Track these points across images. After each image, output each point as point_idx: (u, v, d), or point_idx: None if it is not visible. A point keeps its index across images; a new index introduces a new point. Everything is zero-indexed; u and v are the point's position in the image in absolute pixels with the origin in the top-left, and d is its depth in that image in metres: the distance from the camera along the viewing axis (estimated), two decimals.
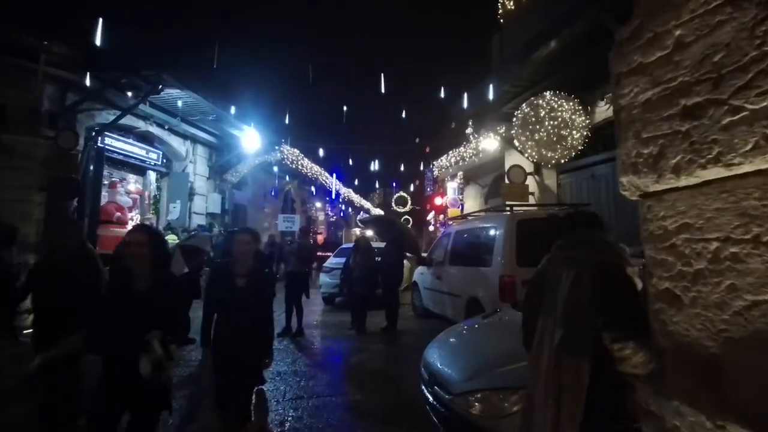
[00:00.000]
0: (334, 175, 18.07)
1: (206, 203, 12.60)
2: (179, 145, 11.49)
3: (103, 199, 9.06)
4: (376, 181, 30.49)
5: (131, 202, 9.86)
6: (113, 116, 8.54)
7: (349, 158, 20.06)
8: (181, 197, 11.34)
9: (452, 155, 15.46)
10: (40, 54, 7.16)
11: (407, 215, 24.66)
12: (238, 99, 12.03)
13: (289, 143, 15.51)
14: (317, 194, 23.92)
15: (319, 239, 25.87)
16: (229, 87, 14.73)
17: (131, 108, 8.45)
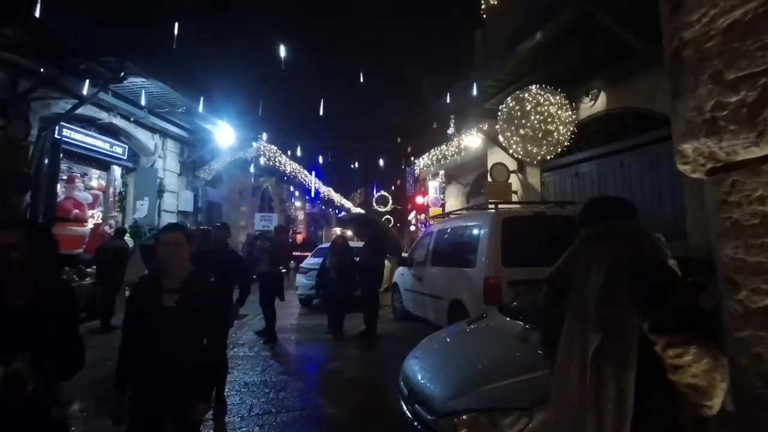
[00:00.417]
0: (314, 173, 17.61)
1: (177, 201, 12.00)
2: (147, 139, 10.87)
3: (61, 195, 8.42)
4: (357, 181, 30.15)
5: (91, 199, 9.22)
6: (71, 106, 7.93)
7: (329, 156, 19.63)
8: (150, 194, 10.73)
9: (434, 154, 15.24)
10: None
11: (388, 215, 24.40)
12: (211, 92, 11.49)
13: (267, 140, 14.99)
14: (297, 193, 23.39)
15: (299, 238, 25.34)
16: (201, 79, 14.06)
17: (90, 97, 7.85)
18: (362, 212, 21.82)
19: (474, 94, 7.49)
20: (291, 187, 22.01)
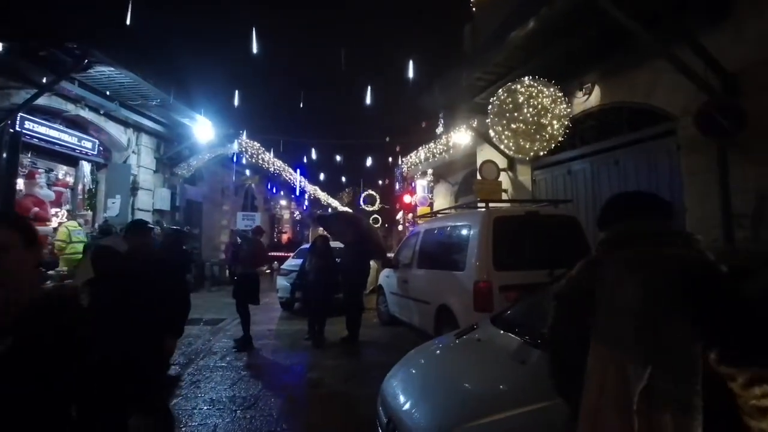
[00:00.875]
0: (299, 171, 17.11)
1: (153, 199, 11.41)
2: (119, 134, 10.27)
3: (20, 192, 7.82)
4: (345, 179, 29.68)
5: (53, 196, 8.61)
6: (30, 96, 7.35)
7: (316, 154, 19.13)
8: (122, 192, 10.14)
9: (422, 152, 14.90)
10: None
11: (376, 214, 23.99)
12: (189, 85, 10.97)
13: (250, 136, 14.46)
14: (281, 191, 22.82)
15: (283, 238, 24.79)
16: (178, 70, 13.48)
17: (50, 85, 7.29)
18: (345, 210, 21.36)
19: (464, 87, 7.15)
20: (276, 186, 21.44)
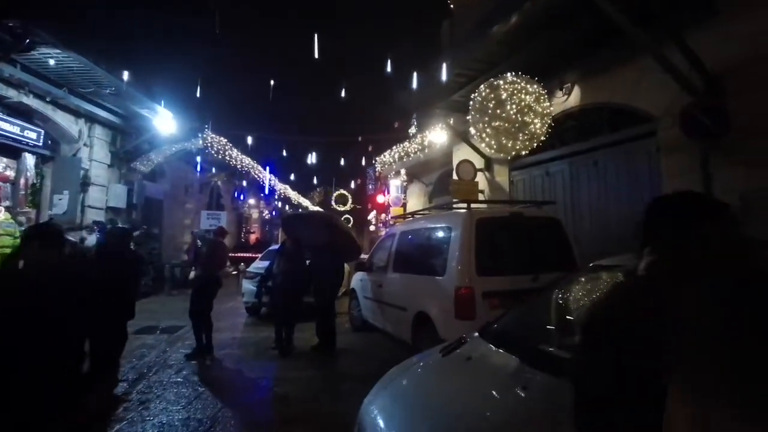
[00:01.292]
0: (268, 169, 16.45)
1: (107, 196, 10.57)
2: (69, 124, 9.42)
3: None
4: (316, 179, 29.10)
5: None
6: None
7: (286, 152, 18.48)
8: (71, 187, 9.31)
9: (396, 151, 14.62)
10: None
11: (348, 214, 23.53)
12: (149, 72, 10.20)
13: (216, 130, 13.72)
14: (250, 190, 22.00)
15: (252, 239, 23.97)
16: (136, 56, 12.56)
17: None
18: (317, 210, 20.78)
19: (442, 84, 6.88)
20: (244, 184, 20.62)
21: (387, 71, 7.98)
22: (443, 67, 6.79)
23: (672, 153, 4.95)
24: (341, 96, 10.66)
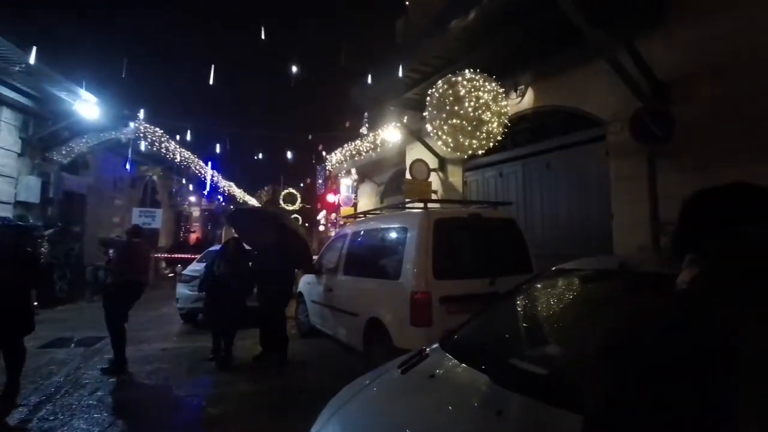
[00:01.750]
0: (210, 165, 15.39)
1: (16, 189, 9.24)
2: None
3: None
4: (264, 177, 27.97)
5: None
6: None
7: (231, 147, 17.44)
8: None
9: (347, 149, 14.27)
10: None
11: (296, 213, 22.78)
12: (70, 50, 9.05)
13: (151, 120, 12.57)
14: (191, 186, 20.56)
15: (192, 238, 22.49)
16: (54, 30, 11.19)
17: None
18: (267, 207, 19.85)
19: (397, 79, 6.65)
20: (184, 180, 19.20)
21: (341, 65, 7.63)
22: (397, 63, 6.56)
23: (620, 157, 5.05)
24: (291, 88, 10.13)
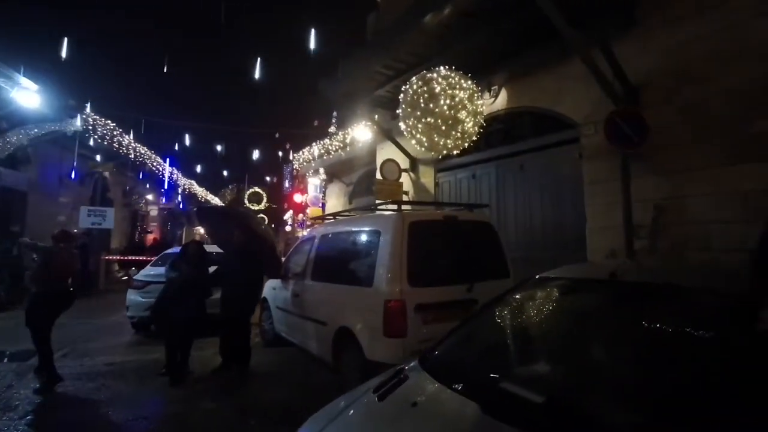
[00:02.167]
0: (168, 161, 14.53)
1: None
2: None
3: None
4: (226, 174, 26.99)
5: None
6: None
7: (191, 143, 16.57)
8: None
9: (315, 148, 13.89)
10: None
11: (262, 213, 22.05)
12: (6, 32, 8.20)
13: (102, 112, 11.69)
14: (148, 184, 19.44)
15: (149, 239, 21.30)
16: None
17: None
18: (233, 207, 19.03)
19: (368, 75, 6.40)
20: (140, 177, 18.10)
21: (309, 57, 7.28)
22: (368, 59, 6.31)
23: (593, 160, 5.02)
24: (256, 83, 9.64)
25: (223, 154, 15.88)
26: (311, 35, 7.44)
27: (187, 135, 14.44)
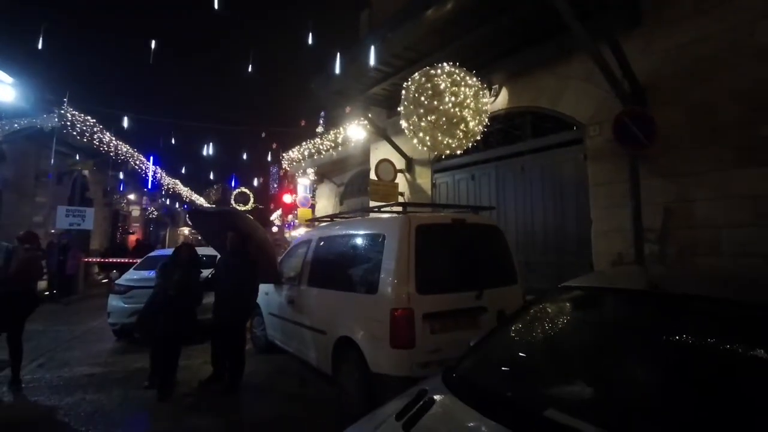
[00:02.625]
0: (152, 160, 14.04)
1: None
2: None
3: None
4: (212, 174, 26.42)
5: None
6: None
7: (175, 140, 16.09)
8: None
9: (305, 147, 13.59)
10: None
11: (249, 214, 21.62)
12: None
13: (81, 107, 11.18)
14: (130, 183, 18.81)
15: (131, 240, 20.64)
16: None
17: None
18: (230, 208, 18.50)
19: (362, 73, 6.18)
20: (122, 176, 17.46)
21: (300, 54, 7.02)
22: (363, 56, 6.08)
23: (599, 161, 4.90)
24: (245, 80, 9.32)
25: (209, 154, 15.40)
26: (301, 33, 7.17)
27: (172, 133, 13.99)
